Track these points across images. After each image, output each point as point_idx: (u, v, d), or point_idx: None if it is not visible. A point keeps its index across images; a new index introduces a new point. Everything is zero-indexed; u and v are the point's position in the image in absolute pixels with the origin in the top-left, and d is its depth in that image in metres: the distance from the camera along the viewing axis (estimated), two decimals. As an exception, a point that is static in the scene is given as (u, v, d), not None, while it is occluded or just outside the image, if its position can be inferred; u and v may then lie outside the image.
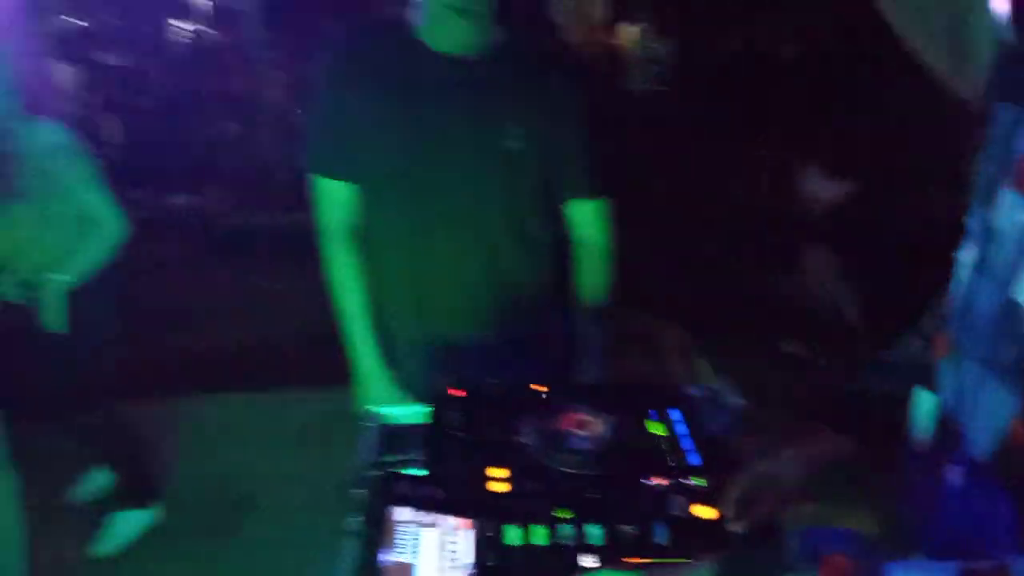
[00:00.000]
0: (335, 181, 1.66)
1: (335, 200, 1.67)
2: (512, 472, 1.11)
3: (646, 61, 6.95)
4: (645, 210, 3.93)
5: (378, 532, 0.97)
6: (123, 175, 6.17)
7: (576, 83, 1.66)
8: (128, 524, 2.68)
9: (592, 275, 1.77)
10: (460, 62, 1.54)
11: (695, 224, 4.24)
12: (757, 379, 1.82)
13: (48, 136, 2.22)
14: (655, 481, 1.11)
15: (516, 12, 1.66)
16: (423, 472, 1.11)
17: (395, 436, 1.23)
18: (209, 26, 7.92)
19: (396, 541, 0.96)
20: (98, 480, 2.77)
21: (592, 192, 1.72)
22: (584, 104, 1.66)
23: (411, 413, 1.30)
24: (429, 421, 1.25)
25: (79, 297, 2.32)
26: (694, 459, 1.16)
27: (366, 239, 1.69)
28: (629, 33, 7.19)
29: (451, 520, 0.99)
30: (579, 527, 1.01)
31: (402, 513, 1.00)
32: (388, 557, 0.94)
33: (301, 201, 1.78)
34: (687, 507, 1.07)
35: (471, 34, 1.52)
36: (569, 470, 1.13)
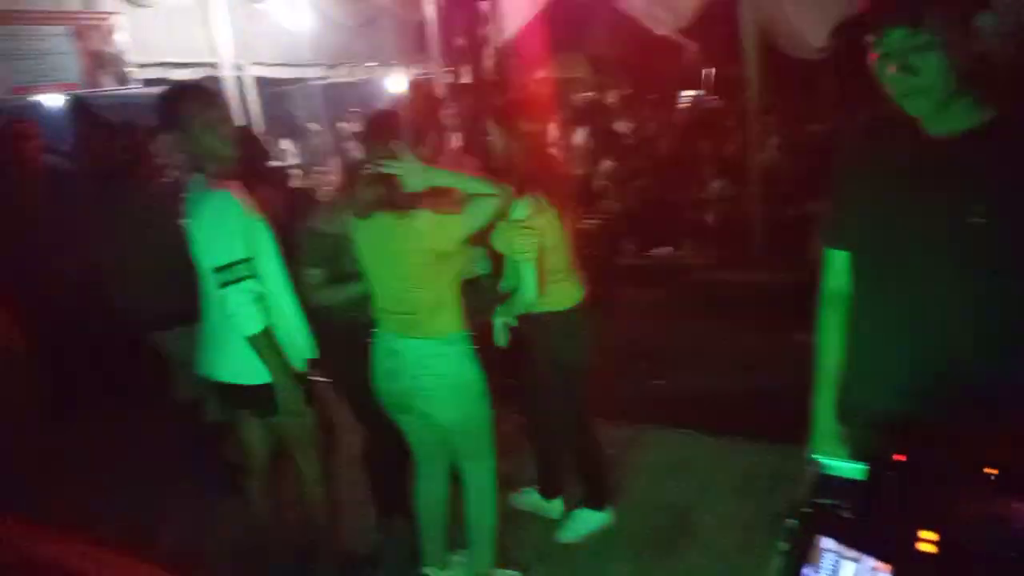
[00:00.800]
0: (842, 252, 1.83)
1: (840, 269, 1.84)
2: (943, 539, 1.16)
3: None
4: None
5: (805, 551, 1.13)
6: (619, 227, 7.03)
7: None
8: (586, 521, 3.16)
9: None
10: (944, 142, 1.60)
11: None
12: None
13: (521, 210, 2.71)
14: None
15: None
16: (854, 516, 1.23)
17: (834, 484, 1.36)
18: (709, 92, 8.59)
19: (819, 563, 1.11)
20: (534, 496, 3.29)
21: None
22: None
23: (853, 468, 1.41)
24: (867, 478, 1.35)
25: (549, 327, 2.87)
26: None
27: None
28: None
29: (872, 561, 1.11)
30: (1006, 605, 1.04)
31: (828, 543, 1.14)
32: (810, 574, 1.10)
33: (777, 261, 1.97)
34: None
35: (939, 115, 1.57)
36: (1008, 554, 1.14)
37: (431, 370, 2.51)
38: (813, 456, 1.56)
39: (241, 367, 2.46)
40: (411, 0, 8.10)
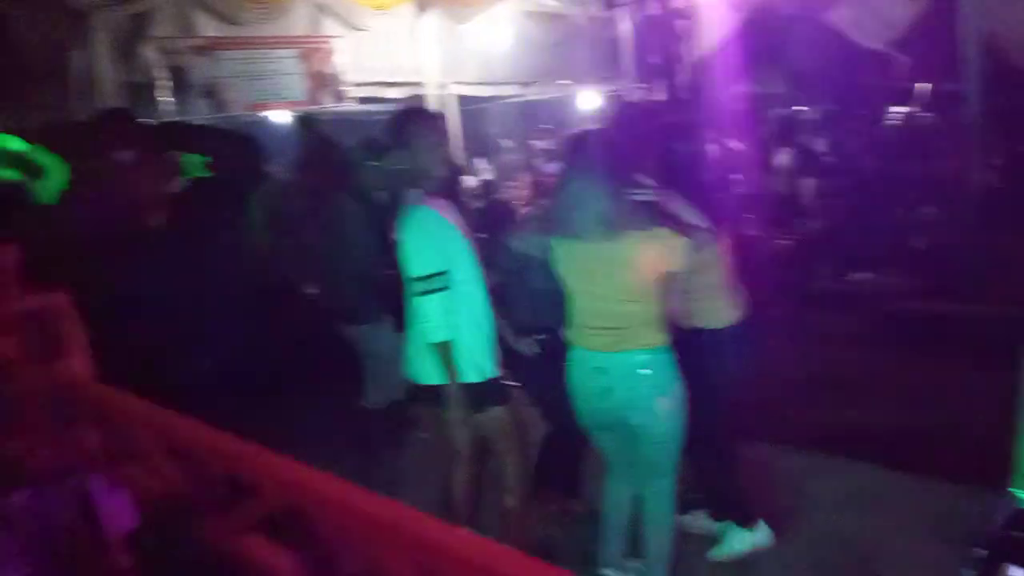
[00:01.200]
0: None
1: None
2: None
3: None
4: None
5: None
6: (816, 249, 6.75)
7: None
8: (738, 539, 3.08)
9: None
10: None
11: None
12: None
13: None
14: None
15: None
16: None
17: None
18: (922, 108, 8.01)
19: (1006, 593, 1.05)
20: (702, 518, 3.22)
21: None
22: None
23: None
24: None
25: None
26: None
27: None
28: None
29: (1070, 597, 1.03)
30: None
31: (1018, 573, 1.07)
32: (995, 603, 1.05)
33: (989, 293, 1.84)
34: None
35: None
36: None
37: (645, 382, 2.51)
38: (1011, 490, 1.46)
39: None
40: (606, 18, 8.21)
